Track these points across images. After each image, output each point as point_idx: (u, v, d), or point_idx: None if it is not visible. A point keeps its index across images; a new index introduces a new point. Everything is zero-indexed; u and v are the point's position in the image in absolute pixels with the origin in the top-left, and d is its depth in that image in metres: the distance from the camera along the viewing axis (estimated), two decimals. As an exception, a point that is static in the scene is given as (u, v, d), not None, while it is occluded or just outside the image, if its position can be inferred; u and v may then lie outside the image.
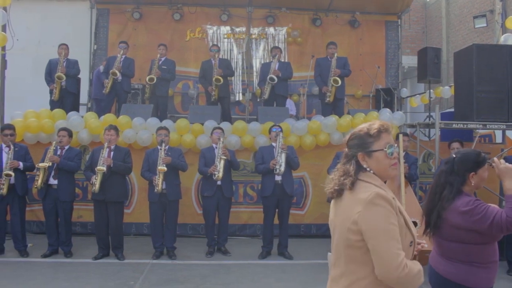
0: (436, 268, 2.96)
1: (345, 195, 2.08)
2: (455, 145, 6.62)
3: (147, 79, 8.76)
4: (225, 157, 6.56)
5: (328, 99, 8.44)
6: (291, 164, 6.69)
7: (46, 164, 6.32)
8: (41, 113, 7.85)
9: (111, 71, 8.55)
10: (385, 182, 2.13)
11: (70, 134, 6.76)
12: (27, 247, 6.70)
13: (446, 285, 2.89)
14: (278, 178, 6.59)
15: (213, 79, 8.53)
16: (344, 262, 2.07)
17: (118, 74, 8.56)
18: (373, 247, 1.95)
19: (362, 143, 2.09)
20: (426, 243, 2.34)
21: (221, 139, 6.70)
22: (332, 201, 2.21)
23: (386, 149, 2.05)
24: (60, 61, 8.24)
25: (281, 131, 6.85)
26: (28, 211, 7.06)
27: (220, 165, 6.54)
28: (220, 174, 6.52)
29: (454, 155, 3.04)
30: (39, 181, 6.33)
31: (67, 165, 6.51)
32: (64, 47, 8.39)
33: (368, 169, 2.08)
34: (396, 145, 2.10)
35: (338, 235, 2.11)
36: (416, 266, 1.99)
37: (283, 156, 6.55)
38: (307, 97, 10.66)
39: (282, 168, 6.51)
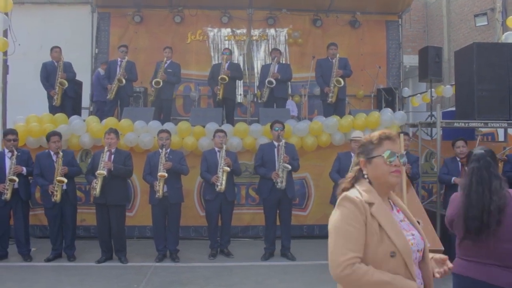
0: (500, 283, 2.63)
1: None
2: (460, 143, 6.62)
3: (153, 83, 8.75)
4: (228, 169, 6.57)
5: (330, 99, 8.42)
6: (292, 170, 6.70)
7: (63, 179, 6.33)
8: (43, 118, 7.88)
9: (117, 78, 8.55)
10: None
11: (61, 137, 6.75)
12: (31, 251, 6.72)
13: None
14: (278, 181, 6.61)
15: (219, 77, 8.54)
16: None
17: (124, 81, 8.58)
18: (328, 244, 2.00)
19: (364, 150, 2.15)
20: (451, 266, 2.22)
21: (224, 147, 6.71)
22: None
23: (384, 155, 2.07)
24: (60, 66, 8.27)
25: (283, 129, 6.85)
26: (31, 215, 7.07)
27: (223, 177, 6.55)
28: (223, 187, 6.52)
29: (482, 151, 2.90)
30: (58, 196, 6.36)
31: (74, 172, 6.63)
32: (58, 50, 8.39)
33: (366, 176, 2.12)
34: (399, 153, 2.10)
35: None
36: (381, 276, 1.90)
37: (285, 172, 6.56)
38: (308, 98, 10.66)
39: (284, 185, 6.53)
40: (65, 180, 6.34)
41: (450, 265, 2.14)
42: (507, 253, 2.64)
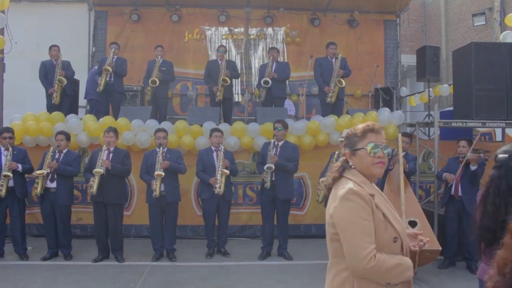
0: None
1: (332, 190, 2.24)
2: (462, 143, 6.59)
3: (150, 82, 8.71)
4: (227, 172, 6.55)
5: (329, 99, 8.40)
6: (285, 171, 6.69)
7: (43, 171, 6.31)
8: (40, 116, 7.84)
9: (103, 67, 8.48)
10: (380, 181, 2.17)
11: (68, 138, 6.73)
12: (27, 250, 6.69)
13: None
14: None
15: (220, 79, 8.50)
16: (331, 255, 2.23)
17: (111, 69, 8.50)
18: (343, 239, 2.08)
19: (349, 143, 2.25)
20: (426, 239, 2.35)
21: (221, 148, 6.68)
22: None
23: (367, 148, 2.16)
24: (58, 64, 8.24)
25: (281, 130, 6.77)
26: (27, 214, 7.04)
27: (221, 180, 6.53)
28: (222, 190, 6.51)
29: (507, 155, 2.52)
30: (39, 188, 6.34)
31: (65, 171, 6.50)
32: (56, 48, 8.38)
33: (352, 166, 2.22)
34: (382, 145, 2.19)
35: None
36: (393, 260, 2.05)
37: (269, 174, 6.55)
38: (306, 97, 10.63)
39: (269, 185, 6.54)
40: (44, 173, 6.31)
41: (424, 239, 2.28)
42: None
